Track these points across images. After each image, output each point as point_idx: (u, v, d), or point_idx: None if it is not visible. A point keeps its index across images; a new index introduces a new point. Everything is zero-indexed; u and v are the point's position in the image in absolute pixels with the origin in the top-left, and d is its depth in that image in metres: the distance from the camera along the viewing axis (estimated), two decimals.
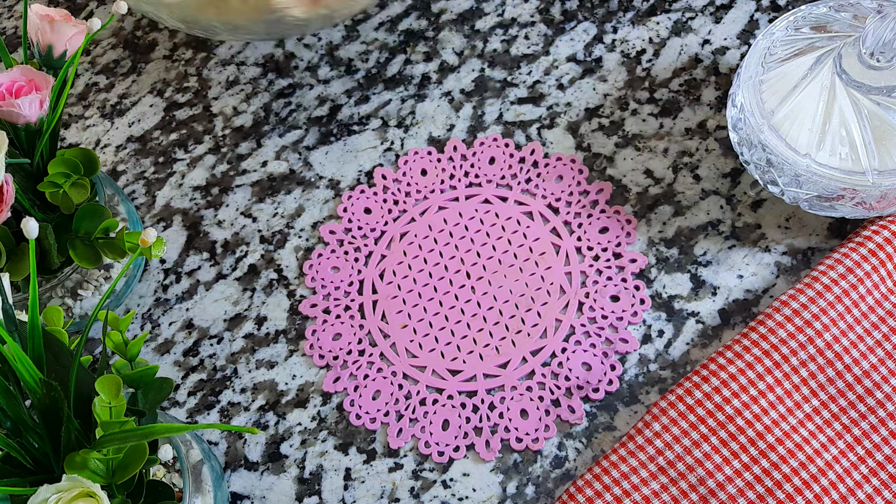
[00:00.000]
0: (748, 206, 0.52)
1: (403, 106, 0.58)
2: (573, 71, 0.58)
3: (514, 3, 0.61)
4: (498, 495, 0.47)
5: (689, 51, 0.57)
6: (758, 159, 0.47)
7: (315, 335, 0.52)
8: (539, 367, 0.49)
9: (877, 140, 0.44)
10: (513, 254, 0.52)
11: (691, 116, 0.55)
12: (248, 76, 0.62)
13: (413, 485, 0.47)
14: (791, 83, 0.47)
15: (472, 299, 0.51)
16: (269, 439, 0.50)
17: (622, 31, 0.59)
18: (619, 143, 0.55)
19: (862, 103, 0.45)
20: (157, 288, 0.55)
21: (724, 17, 0.58)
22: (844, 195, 0.45)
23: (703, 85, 0.56)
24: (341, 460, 0.49)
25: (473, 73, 0.59)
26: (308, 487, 0.48)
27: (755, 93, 0.47)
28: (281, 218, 0.56)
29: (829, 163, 0.45)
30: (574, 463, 0.47)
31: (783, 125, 0.46)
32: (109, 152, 0.61)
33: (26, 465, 0.37)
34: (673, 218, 0.52)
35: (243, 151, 0.59)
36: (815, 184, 0.45)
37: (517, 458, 0.47)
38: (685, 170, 0.54)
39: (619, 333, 0.49)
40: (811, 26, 0.48)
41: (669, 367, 0.48)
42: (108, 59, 0.65)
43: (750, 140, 0.47)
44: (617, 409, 0.48)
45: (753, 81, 0.47)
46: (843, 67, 0.45)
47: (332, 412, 0.50)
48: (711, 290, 0.50)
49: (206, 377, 0.52)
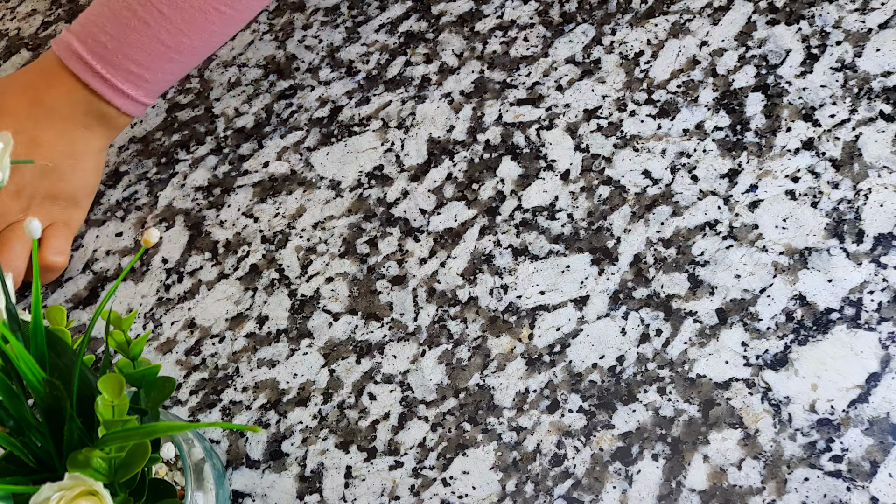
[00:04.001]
0: (745, 206, 0.52)
1: (404, 107, 0.59)
2: (572, 72, 0.58)
3: (514, 5, 0.61)
4: (497, 493, 0.47)
5: (687, 52, 0.58)
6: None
7: None
8: None
9: None
10: None
11: (689, 117, 0.55)
12: (249, 77, 0.62)
13: (413, 483, 0.48)
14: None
15: None
16: (270, 438, 0.50)
17: (620, 32, 0.59)
18: (617, 143, 0.55)
19: None
20: (160, 287, 0.55)
21: (722, 19, 0.59)
22: None
23: (700, 86, 0.56)
24: (342, 458, 0.49)
25: (473, 74, 0.59)
26: (309, 485, 0.49)
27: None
28: (282, 218, 0.56)
29: None
30: (573, 461, 0.47)
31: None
32: (112, 153, 0.61)
33: (29, 463, 0.38)
34: (671, 218, 0.53)
35: (245, 152, 0.59)
36: None
37: (516, 457, 0.48)
38: (683, 170, 0.54)
39: None
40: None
41: (667, 366, 0.49)
42: None
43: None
44: (615, 408, 0.48)
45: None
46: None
47: (332, 410, 0.50)
48: (709, 290, 0.50)
49: (207, 376, 0.52)
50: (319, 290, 0.54)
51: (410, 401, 0.50)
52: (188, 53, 0.55)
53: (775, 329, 0.49)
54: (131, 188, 0.59)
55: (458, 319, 0.52)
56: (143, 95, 0.55)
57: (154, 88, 0.55)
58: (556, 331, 0.51)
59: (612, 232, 0.53)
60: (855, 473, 0.45)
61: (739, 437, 0.46)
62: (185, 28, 0.53)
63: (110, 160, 0.61)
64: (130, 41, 0.53)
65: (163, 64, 0.54)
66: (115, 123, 0.56)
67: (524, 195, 0.55)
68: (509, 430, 0.49)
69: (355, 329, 0.53)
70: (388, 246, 0.55)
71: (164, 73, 0.55)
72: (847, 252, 0.50)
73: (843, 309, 0.48)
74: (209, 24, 0.54)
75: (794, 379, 0.47)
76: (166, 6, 0.52)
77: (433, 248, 0.55)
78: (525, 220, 0.55)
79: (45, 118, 0.55)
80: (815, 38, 0.57)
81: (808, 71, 0.56)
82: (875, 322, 0.48)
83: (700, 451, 0.46)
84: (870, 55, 0.55)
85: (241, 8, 0.55)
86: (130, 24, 0.53)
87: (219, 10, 0.53)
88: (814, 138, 0.53)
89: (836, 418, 0.46)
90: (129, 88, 0.54)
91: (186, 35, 0.53)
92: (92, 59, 0.53)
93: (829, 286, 0.49)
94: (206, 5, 0.53)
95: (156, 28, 0.53)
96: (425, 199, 0.57)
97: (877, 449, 0.45)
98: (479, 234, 0.55)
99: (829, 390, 0.47)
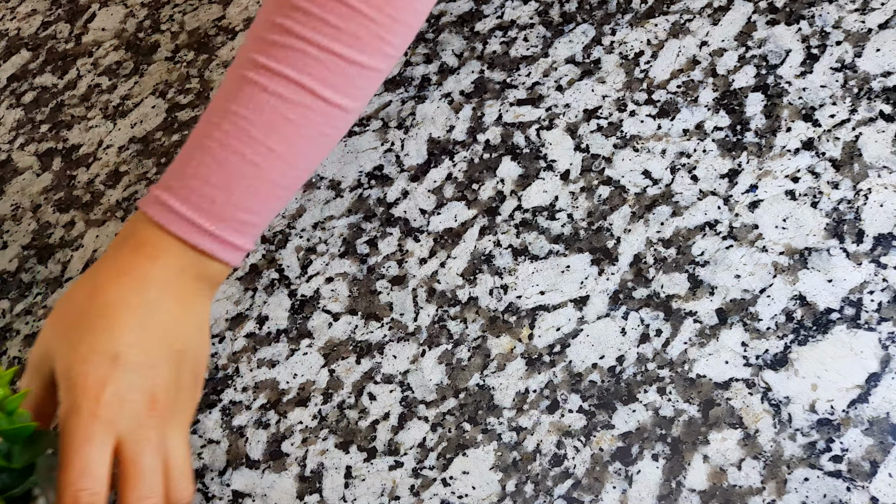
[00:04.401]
0: (745, 206, 0.52)
1: (403, 107, 0.59)
2: (572, 72, 0.58)
3: (514, 5, 0.61)
4: (497, 493, 0.47)
5: (687, 52, 0.58)
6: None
7: None
8: None
9: None
10: None
11: (689, 117, 0.55)
12: None
13: (413, 483, 0.48)
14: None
15: None
16: (270, 438, 0.50)
17: (620, 32, 0.59)
18: (617, 144, 0.55)
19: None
20: None
21: (722, 20, 0.59)
22: None
23: (700, 86, 0.56)
24: (342, 458, 0.49)
25: (473, 74, 0.59)
26: (309, 485, 0.49)
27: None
28: (282, 218, 0.56)
29: None
30: (573, 461, 0.47)
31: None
32: (112, 153, 0.61)
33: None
34: (671, 218, 0.53)
35: None
36: None
37: (516, 457, 0.48)
38: (683, 170, 0.54)
39: None
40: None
41: (667, 366, 0.49)
42: (110, 61, 0.65)
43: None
44: (615, 408, 0.48)
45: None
46: None
47: (332, 411, 0.50)
48: (709, 290, 0.50)
49: (207, 376, 0.52)
50: (319, 290, 0.55)
51: (410, 401, 0.50)
52: (295, 187, 0.49)
53: (775, 329, 0.49)
54: (131, 188, 0.59)
55: (458, 319, 0.52)
56: (249, 242, 0.48)
57: (258, 231, 0.49)
58: (556, 331, 0.51)
59: (612, 232, 0.53)
60: (855, 473, 0.45)
61: (739, 437, 0.46)
62: (296, 161, 0.48)
63: (110, 160, 0.61)
64: (241, 188, 0.46)
65: (272, 203, 0.48)
66: (218, 280, 0.49)
67: (524, 195, 0.55)
68: (509, 430, 0.49)
69: (355, 329, 0.53)
70: (388, 246, 0.55)
71: (270, 213, 0.49)
72: (847, 252, 0.50)
73: (843, 309, 0.48)
74: (317, 152, 0.49)
75: (794, 379, 0.47)
76: (276, 142, 0.46)
77: (433, 248, 0.55)
78: (525, 220, 0.55)
79: (159, 302, 0.46)
80: (815, 38, 0.57)
81: (808, 71, 0.56)
82: (875, 322, 0.48)
83: (700, 451, 0.46)
84: (870, 55, 0.55)
85: (343, 129, 0.49)
86: (241, 171, 0.46)
87: (325, 135, 0.48)
88: (814, 138, 0.53)
89: (836, 418, 0.46)
90: (237, 238, 0.47)
91: (296, 168, 0.48)
92: (199, 216, 0.46)
93: (829, 286, 0.49)
94: (315, 131, 0.47)
95: (267, 168, 0.47)
96: (425, 199, 0.57)
97: (877, 449, 0.45)
98: (479, 234, 0.55)
99: (829, 390, 0.47)
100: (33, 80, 0.65)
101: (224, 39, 0.64)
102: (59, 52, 0.66)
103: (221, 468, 0.50)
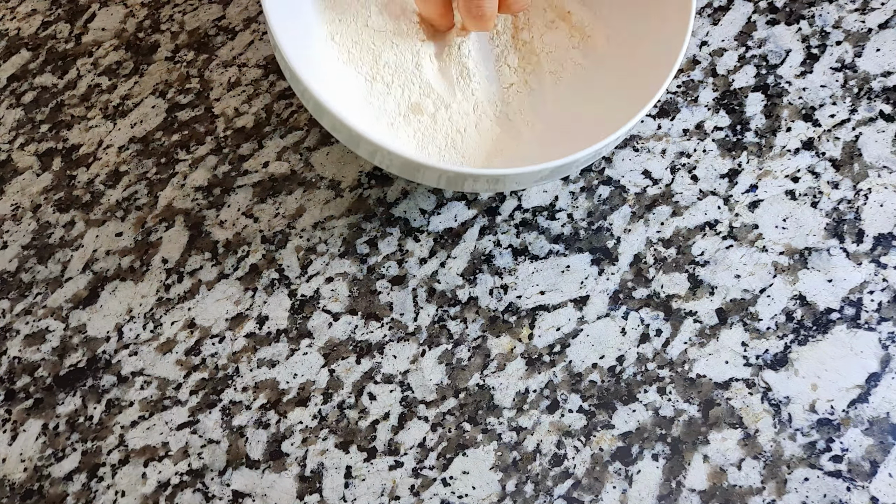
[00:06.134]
0: (746, 206, 0.52)
1: None
2: None
3: None
4: (497, 493, 0.47)
5: (687, 52, 0.58)
6: None
7: None
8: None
9: None
10: None
11: (689, 117, 0.55)
12: (249, 77, 0.62)
13: (413, 483, 0.48)
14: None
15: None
16: (270, 438, 0.50)
17: None
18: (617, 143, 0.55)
19: None
20: (160, 287, 0.55)
21: (722, 20, 0.59)
22: None
23: (700, 86, 0.56)
24: (342, 458, 0.49)
25: None
26: (309, 485, 0.49)
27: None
28: (282, 218, 0.56)
29: None
30: (573, 461, 0.47)
31: None
32: (112, 153, 0.61)
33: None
34: (671, 218, 0.53)
35: (245, 152, 0.59)
36: None
37: (516, 457, 0.48)
38: (683, 170, 0.54)
39: None
40: None
41: (667, 366, 0.49)
42: (110, 61, 0.65)
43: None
44: (615, 408, 0.48)
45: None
46: None
47: (332, 410, 0.50)
48: (709, 290, 0.50)
49: (207, 376, 0.52)
50: (319, 290, 0.55)
51: (410, 401, 0.50)
52: None
53: (775, 329, 0.49)
54: (131, 188, 0.59)
55: (458, 319, 0.52)
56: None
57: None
58: (556, 331, 0.51)
59: (612, 232, 0.53)
60: (855, 473, 0.45)
61: (739, 437, 0.46)
62: None
63: (110, 160, 0.61)
64: None
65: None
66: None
67: (524, 195, 0.55)
68: (509, 430, 0.49)
69: (355, 329, 0.53)
70: (388, 246, 0.55)
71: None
72: (847, 252, 0.50)
73: (843, 309, 0.48)
74: None
75: (794, 379, 0.47)
76: None
77: (433, 248, 0.55)
78: (525, 220, 0.55)
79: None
80: (815, 38, 0.57)
81: (808, 71, 0.56)
82: (875, 322, 0.48)
83: (700, 451, 0.46)
84: (870, 55, 0.55)
85: None
86: None
87: None
88: (814, 138, 0.53)
89: (836, 418, 0.46)
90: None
91: None
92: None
93: (829, 286, 0.49)
94: None
95: None
96: (425, 199, 0.57)
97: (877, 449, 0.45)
98: (479, 234, 0.55)
99: (829, 390, 0.47)
100: (33, 79, 0.65)
101: (224, 39, 0.64)
102: (59, 52, 0.66)
103: (221, 468, 0.50)
